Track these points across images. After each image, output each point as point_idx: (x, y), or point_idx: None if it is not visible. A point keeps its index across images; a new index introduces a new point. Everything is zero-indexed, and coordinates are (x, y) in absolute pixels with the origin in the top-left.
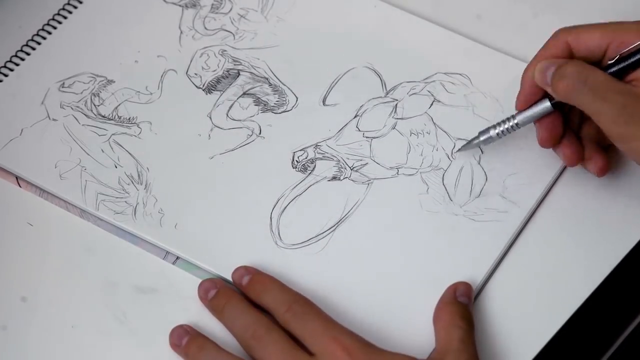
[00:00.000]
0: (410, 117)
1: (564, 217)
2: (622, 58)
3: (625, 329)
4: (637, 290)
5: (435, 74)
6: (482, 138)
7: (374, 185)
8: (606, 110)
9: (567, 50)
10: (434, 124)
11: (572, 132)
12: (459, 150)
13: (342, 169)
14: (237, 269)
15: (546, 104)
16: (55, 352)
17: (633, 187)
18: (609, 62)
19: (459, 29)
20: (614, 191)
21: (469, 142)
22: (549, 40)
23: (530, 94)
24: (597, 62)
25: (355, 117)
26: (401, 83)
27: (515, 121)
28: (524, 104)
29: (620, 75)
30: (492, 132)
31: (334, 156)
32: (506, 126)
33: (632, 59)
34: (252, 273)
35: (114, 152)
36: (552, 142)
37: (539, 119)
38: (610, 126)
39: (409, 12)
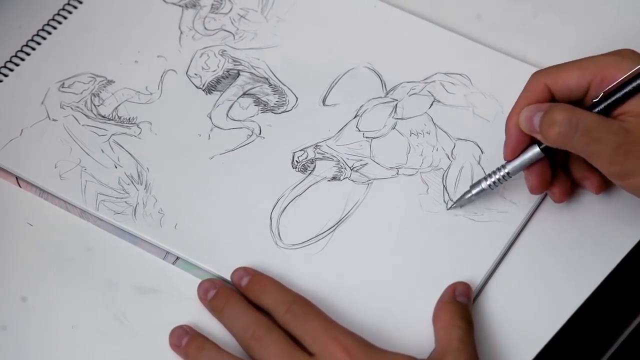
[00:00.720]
0: (410, 117)
1: (563, 217)
2: (607, 95)
3: (625, 329)
4: (637, 291)
5: (435, 74)
6: (474, 192)
7: (374, 186)
8: (601, 151)
9: (547, 93)
10: (434, 124)
11: (559, 169)
12: (452, 206)
13: (342, 169)
14: (236, 270)
15: (536, 151)
16: (55, 352)
17: None
18: (594, 100)
19: (459, 29)
20: (614, 190)
21: (462, 196)
22: (527, 85)
23: (518, 142)
24: (579, 101)
25: (355, 117)
26: (401, 83)
27: (507, 170)
28: (513, 154)
29: (607, 112)
30: (484, 185)
31: (334, 156)
32: (497, 177)
33: (617, 95)
34: (252, 274)
35: (114, 152)
36: (544, 188)
37: (528, 167)
38: (607, 166)
39: (409, 12)
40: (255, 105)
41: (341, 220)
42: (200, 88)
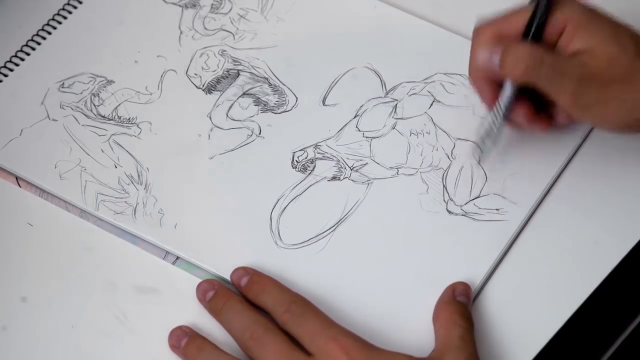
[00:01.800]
0: (410, 117)
1: (563, 217)
2: (529, 25)
3: (625, 329)
4: (637, 290)
5: (435, 74)
6: (481, 133)
7: (374, 185)
8: (566, 84)
9: (499, 41)
10: (434, 124)
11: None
12: (480, 159)
13: (342, 169)
14: (235, 270)
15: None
16: (55, 352)
17: (633, 188)
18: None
19: (459, 29)
20: (614, 192)
21: (481, 148)
22: (478, 39)
23: (491, 88)
24: None
25: (355, 117)
26: (401, 83)
27: (500, 104)
28: (492, 97)
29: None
30: (487, 125)
31: (333, 156)
32: (497, 110)
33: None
34: (251, 274)
35: (113, 152)
36: (534, 115)
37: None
38: (571, 99)
39: (409, 12)
40: (255, 105)
41: (341, 220)
42: (200, 88)
